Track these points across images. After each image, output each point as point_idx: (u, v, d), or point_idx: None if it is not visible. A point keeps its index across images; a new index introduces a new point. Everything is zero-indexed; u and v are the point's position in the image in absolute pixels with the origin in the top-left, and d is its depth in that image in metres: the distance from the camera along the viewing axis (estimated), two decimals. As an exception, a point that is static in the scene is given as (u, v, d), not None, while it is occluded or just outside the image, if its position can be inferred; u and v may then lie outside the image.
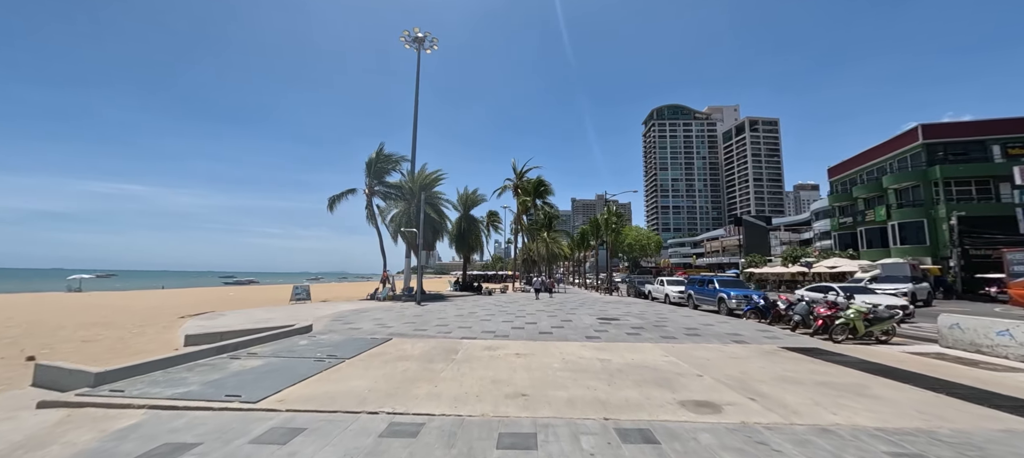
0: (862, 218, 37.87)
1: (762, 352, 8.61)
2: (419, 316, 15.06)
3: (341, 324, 12.43)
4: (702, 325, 12.68)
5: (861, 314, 10.14)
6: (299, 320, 12.99)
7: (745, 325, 12.76)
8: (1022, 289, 16.29)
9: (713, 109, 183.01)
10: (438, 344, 9.07)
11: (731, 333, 11.15)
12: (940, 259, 30.58)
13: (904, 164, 34.59)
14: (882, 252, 35.27)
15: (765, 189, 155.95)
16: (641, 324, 12.84)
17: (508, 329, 11.74)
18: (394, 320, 13.64)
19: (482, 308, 18.48)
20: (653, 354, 8.23)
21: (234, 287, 60.73)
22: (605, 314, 15.79)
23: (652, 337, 10.51)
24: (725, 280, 18.20)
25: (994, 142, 31.25)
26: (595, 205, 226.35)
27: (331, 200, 27.95)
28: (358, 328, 11.60)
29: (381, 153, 27.85)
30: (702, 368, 7.03)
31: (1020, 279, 16.60)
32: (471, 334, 10.72)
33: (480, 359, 7.55)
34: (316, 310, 17.15)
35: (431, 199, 25.88)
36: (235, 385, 5.57)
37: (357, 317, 14.43)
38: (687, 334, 11.01)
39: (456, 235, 30.61)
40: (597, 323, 13.00)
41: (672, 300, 22.60)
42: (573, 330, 11.56)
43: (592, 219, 39.31)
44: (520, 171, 42.01)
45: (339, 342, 9.01)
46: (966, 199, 30.85)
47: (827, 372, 6.87)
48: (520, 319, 14.12)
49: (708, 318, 14.61)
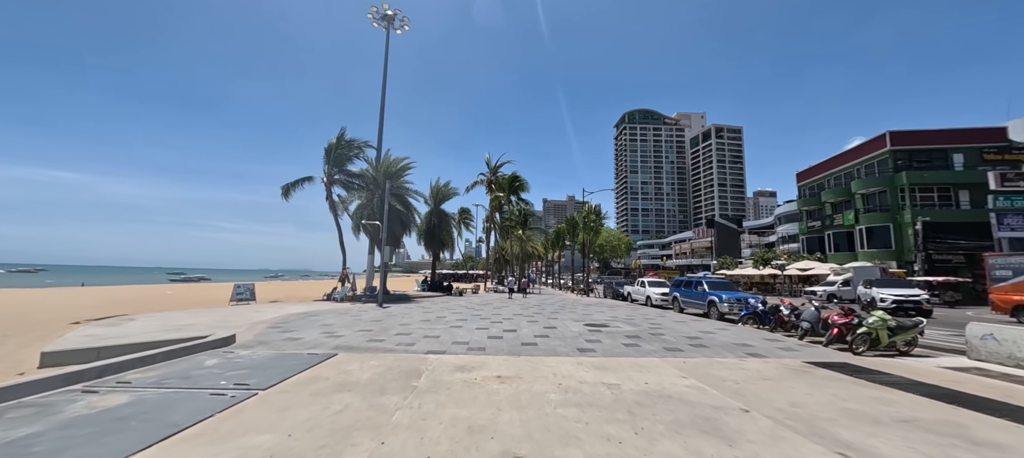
0: (830, 222, 38.57)
1: (792, 370, 7.18)
2: (378, 321, 12.89)
3: (278, 333, 10.13)
4: (702, 333, 11.28)
5: (884, 322, 8.97)
6: (225, 328, 10.57)
7: (748, 333, 11.47)
8: (1003, 294, 16.05)
9: (681, 115, 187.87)
10: (396, 363, 7.07)
11: (739, 343, 9.76)
12: (904, 263, 31.25)
13: (872, 170, 35.36)
14: (848, 255, 35.90)
15: (729, 194, 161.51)
16: (635, 332, 11.28)
17: (484, 339, 9.85)
18: (347, 327, 11.44)
19: (452, 311, 16.48)
20: (667, 375, 6.59)
21: (180, 285, 55.59)
22: (591, 319, 14.19)
23: (654, 349, 8.94)
24: (715, 282, 17.09)
25: (955, 151, 32.34)
26: (566, 206, 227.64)
27: (286, 188, 25.03)
28: (298, 339, 9.37)
29: (342, 138, 25.21)
30: (740, 397, 5.43)
31: (1002, 284, 16.39)
32: (439, 346, 8.75)
33: (451, 387, 5.64)
34: (256, 314, 14.60)
35: (398, 190, 23.54)
36: (45, 453, 3.40)
37: (302, 323, 12.11)
38: (691, 344, 9.52)
39: (425, 230, 28.31)
40: (586, 331, 11.34)
41: (654, 303, 21.40)
42: (561, 340, 9.82)
43: (569, 217, 38.03)
44: (494, 166, 40.13)
45: (262, 361, 6.83)
46: (928, 205, 31.71)
47: (894, 401, 5.44)
48: (497, 325, 12.26)
49: (703, 324, 13.29)
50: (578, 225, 36.21)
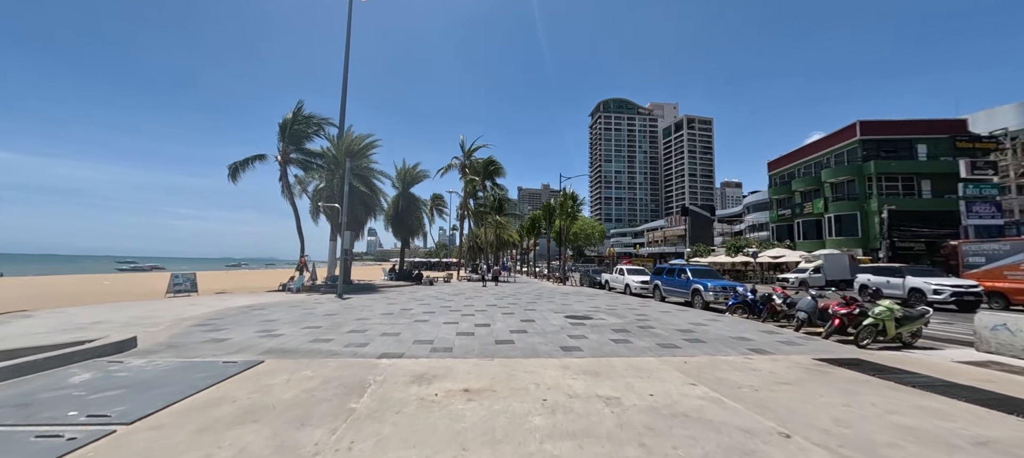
0: (800, 210, 39.23)
1: (807, 371, 6.21)
2: (332, 316, 11.28)
3: (202, 333, 8.41)
4: (693, 324, 10.34)
5: (891, 313, 8.23)
6: (141, 326, 8.74)
7: (741, 324, 10.62)
8: (977, 281, 16.07)
9: (655, 105, 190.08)
10: (337, 372, 5.61)
11: (736, 336, 8.84)
12: (870, 250, 32.02)
13: (841, 159, 35.99)
14: (817, 243, 36.63)
15: (699, 184, 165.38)
16: (622, 325, 10.21)
17: (452, 336, 8.49)
18: (292, 323, 9.80)
19: (420, 302, 15.00)
20: (672, 381, 5.46)
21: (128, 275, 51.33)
22: (571, 310, 13.07)
23: (647, 345, 7.85)
24: (698, 270, 16.37)
25: (920, 141, 33.22)
26: (542, 194, 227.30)
27: (233, 167, 22.59)
28: (223, 340, 7.71)
29: (300, 113, 22.92)
30: (768, 412, 4.34)
31: (974, 271, 16.45)
32: (397, 347, 7.33)
33: (402, 409, 4.26)
34: (190, 308, 12.65)
35: (361, 170, 21.60)
36: None
37: (239, 319, 10.36)
38: (685, 339, 8.51)
39: (393, 215, 26.46)
40: (568, 325, 10.17)
41: (633, 291, 20.64)
42: (541, 336, 8.59)
43: (545, 203, 36.91)
44: (469, 149, 38.37)
45: (155, 375, 5.22)
46: (893, 194, 32.53)
47: (947, 413, 4.49)
48: (468, 319, 10.91)
49: (691, 315, 12.42)
50: (555, 211, 35.18)
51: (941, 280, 16.12)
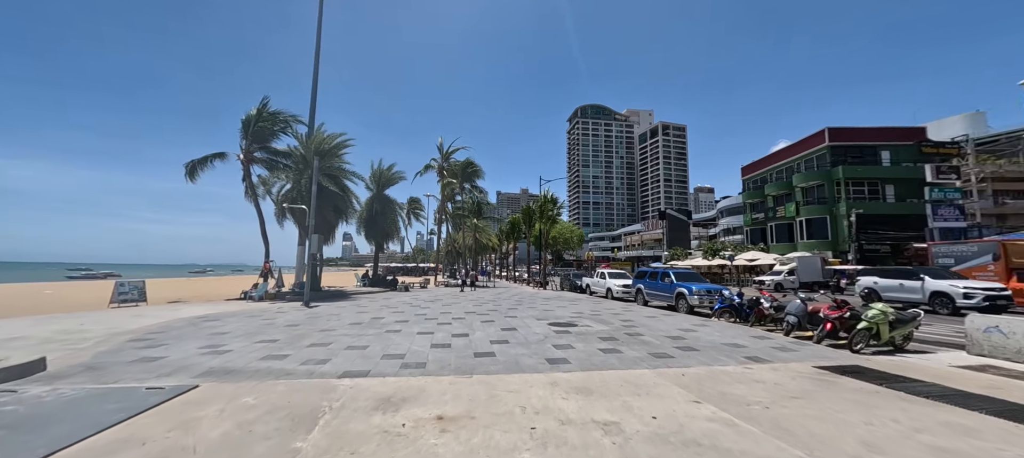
0: (773, 214, 40.14)
1: (812, 381, 5.76)
2: (294, 327, 10.25)
3: (135, 350, 7.31)
4: (681, 330, 9.87)
5: (886, 316, 7.97)
6: (67, 341, 7.55)
7: (730, 330, 10.23)
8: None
9: (631, 112, 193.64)
10: (285, 398, 4.73)
11: (728, 343, 8.39)
12: (840, 252, 32.94)
13: (811, 164, 37.05)
14: (789, 246, 37.50)
15: (673, 189, 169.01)
16: (609, 332, 9.63)
17: (426, 349, 7.68)
18: (246, 336, 8.75)
19: (393, 310, 14.05)
20: (675, 398, 4.87)
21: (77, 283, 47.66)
22: (554, 317, 12.43)
23: (638, 355, 7.28)
24: (682, 273, 16.07)
25: (883, 148, 34.56)
26: (520, 198, 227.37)
27: (191, 166, 20.99)
28: (158, 359, 6.66)
29: (265, 110, 21.54)
30: (788, 435, 3.78)
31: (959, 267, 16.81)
32: (363, 363, 6.48)
33: (361, 446, 3.47)
34: (132, 320, 11.33)
35: (331, 170, 20.41)
36: None
37: (185, 333, 9.22)
38: (677, 347, 8.00)
39: (366, 218, 25.25)
40: (552, 333, 9.51)
41: (615, 295, 20.25)
42: (524, 347, 7.89)
43: (524, 207, 36.38)
44: (446, 151, 37.44)
45: (58, 407, 4.23)
46: (860, 198, 33.64)
47: (976, 429, 4.05)
48: (445, 329, 10.10)
49: (677, 320, 12.00)
50: (534, 215, 34.67)
51: (969, 283, 14.71)
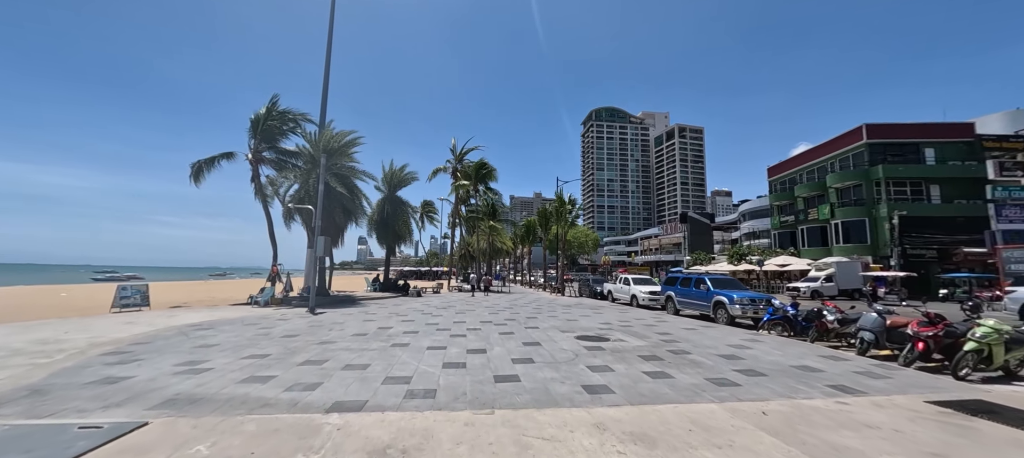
0: (803, 216, 37.92)
1: (944, 426, 4.35)
2: (292, 338, 9.20)
3: (102, 367, 6.31)
4: (732, 347, 8.46)
5: (1000, 335, 6.46)
6: (41, 351, 6.62)
7: (795, 347, 8.74)
8: None
9: (646, 114, 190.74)
10: (249, 445, 3.58)
11: (800, 366, 6.97)
12: (881, 257, 30.68)
13: (846, 163, 34.81)
14: (822, 251, 35.29)
15: (690, 192, 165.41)
16: (648, 349, 8.29)
17: (437, 368, 6.49)
18: (232, 350, 7.71)
19: (402, 318, 12.94)
20: (764, 454, 3.55)
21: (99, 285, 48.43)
22: (580, 328, 11.13)
23: (694, 381, 5.94)
24: (720, 280, 14.55)
25: (927, 145, 32.19)
26: (533, 203, 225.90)
27: (197, 167, 20.39)
28: (123, 379, 5.63)
29: (274, 109, 20.87)
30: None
31: (1019, 279, 14.93)
32: (360, 389, 5.31)
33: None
34: (121, 328, 10.49)
35: (340, 169, 19.55)
36: None
37: (171, 344, 8.24)
38: (737, 370, 6.62)
39: (377, 220, 24.35)
40: (582, 349, 8.22)
41: (641, 303, 18.79)
42: (552, 368, 6.63)
43: (540, 208, 35.07)
44: (460, 152, 36.54)
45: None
46: (902, 199, 31.34)
47: None
48: (459, 342, 8.90)
49: (723, 333, 10.55)
50: (551, 217, 33.34)
51: None
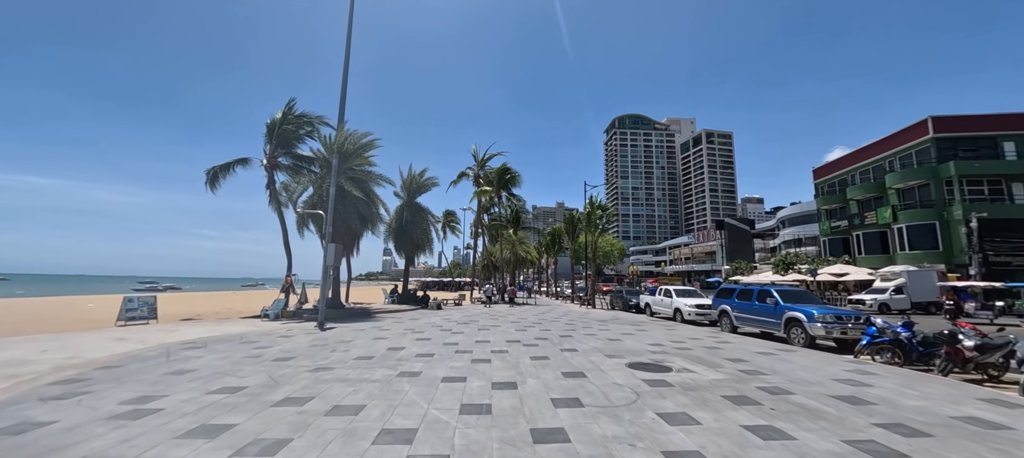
0: (858, 221, 34.44)
1: None
2: (284, 361, 7.71)
3: (32, 404, 4.92)
4: (846, 383, 6.37)
5: None
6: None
7: (928, 384, 6.57)
8: None
9: (672, 120, 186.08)
10: None
11: (968, 417, 4.86)
12: (957, 265, 27.13)
13: (909, 161, 31.36)
14: (882, 258, 31.78)
15: (720, 200, 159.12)
16: (729, 385, 6.31)
17: (452, 414, 4.78)
18: (206, 379, 6.24)
19: (417, 336, 11.33)
20: None
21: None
22: (627, 351, 9.19)
23: (831, 447, 3.98)
24: (790, 292, 12.28)
25: (1006, 139, 28.54)
26: (556, 212, 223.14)
27: (212, 173, 19.64)
28: (38, 427, 4.18)
29: (290, 113, 19.98)
30: None
31: None
32: (342, 453, 3.65)
33: None
34: (106, 345, 9.32)
35: (356, 173, 18.37)
36: None
37: (140, 369, 6.87)
38: (878, 424, 4.60)
39: (395, 228, 23.10)
40: (643, 385, 6.33)
41: (686, 318, 16.60)
42: (610, 417, 4.79)
43: (567, 216, 33.22)
44: (482, 158, 35.18)
45: None
46: (978, 199, 27.76)
47: None
48: (481, 370, 7.17)
49: (813, 360, 8.40)
50: (579, 224, 31.37)
51: None
